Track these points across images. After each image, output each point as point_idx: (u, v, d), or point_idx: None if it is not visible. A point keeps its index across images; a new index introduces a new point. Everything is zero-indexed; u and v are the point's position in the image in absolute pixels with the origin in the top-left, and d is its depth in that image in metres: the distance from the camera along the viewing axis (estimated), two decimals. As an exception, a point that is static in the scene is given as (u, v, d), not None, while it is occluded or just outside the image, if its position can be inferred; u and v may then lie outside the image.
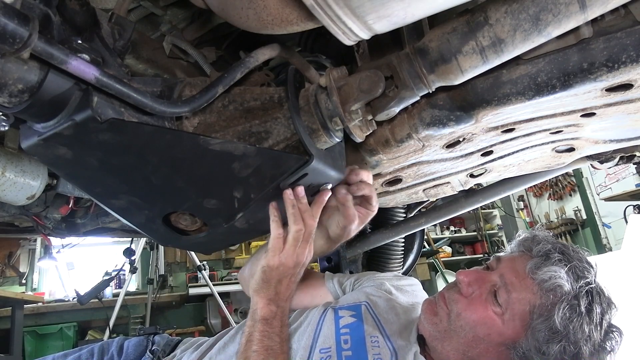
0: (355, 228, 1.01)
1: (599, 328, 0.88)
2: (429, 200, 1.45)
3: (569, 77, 0.75)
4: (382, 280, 1.19)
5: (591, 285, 0.90)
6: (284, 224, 0.93)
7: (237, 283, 5.26)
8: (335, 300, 1.16)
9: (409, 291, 1.20)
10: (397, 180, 1.20)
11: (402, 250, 1.85)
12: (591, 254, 0.99)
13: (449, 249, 7.12)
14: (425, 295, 1.20)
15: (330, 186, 0.93)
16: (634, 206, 4.90)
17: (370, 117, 0.84)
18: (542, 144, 1.09)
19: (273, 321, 0.95)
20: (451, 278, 6.05)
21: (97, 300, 3.95)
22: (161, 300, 5.18)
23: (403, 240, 1.84)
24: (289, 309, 1.01)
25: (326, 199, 0.94)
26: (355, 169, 0.96)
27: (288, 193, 0.88)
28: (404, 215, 1.75)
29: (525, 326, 0.89)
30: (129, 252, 3.60)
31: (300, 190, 0.89)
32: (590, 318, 0.87)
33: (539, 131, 1.00)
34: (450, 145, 1.00)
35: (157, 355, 1.20)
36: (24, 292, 5.10)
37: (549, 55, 0.75)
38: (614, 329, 0.92)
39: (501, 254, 1.04)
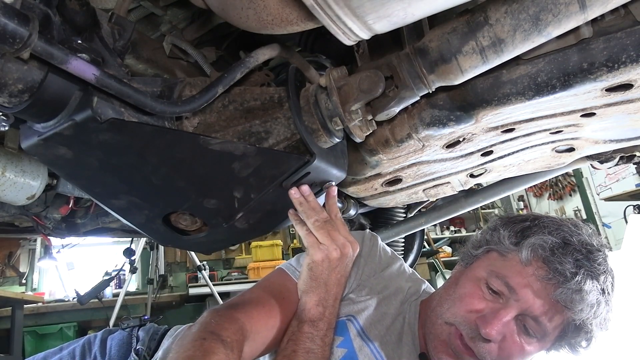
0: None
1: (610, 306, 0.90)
2: (429, 200, 1.45)
3: (569, 77, 0.75)
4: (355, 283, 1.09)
5: (609, 282, 0.89)
6: None
7: (237, 283, 5.30)
8: None
9: (380, 264, 1.12)
10: (397, 180, 1.20)
11: (402, 250, 1.85)
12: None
13: (449, 249, 7.11)
14: (385, 247, 1.15)
15: (334, 183, 0.94)
16: (634, 206, 4.90)
17: (370, 117, 0.84)
18: (542, 144, 1.09)
19: (319, 323, 0.90)
20: (451, 278, 6.03)
21: (97, 300, 3.94)
22: (161, 300, 5.19)
23: (403, 240, 1.84)
24: (337, 310, 0.95)
25: (335, 194, 0.95)
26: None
27: (293, 192, 0.88)
28: (404, 215, 1.74)
29: (559, 339, 0.92)
30: (129, 252, 3.59)
31: (306, 188, 0.90)
32: (609, 312, 0.90)
33: (539, 131, 1.00)
34: (450, 145, 1.00)
35: (142, 355, 1.13)
36: (24, 292, 5.10)
37: (549, 55, 0.75)
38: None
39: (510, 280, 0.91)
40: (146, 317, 1.24)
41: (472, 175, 1.24)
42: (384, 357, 0.95)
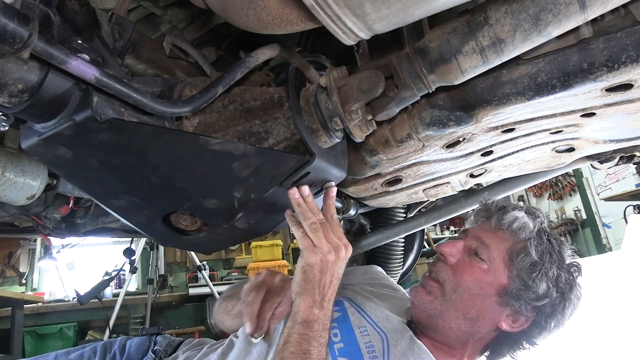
0: None
1: (561, 257, 1.01)
2: (429, 200, 1.45)
3: (569, 77, 0.75)
4: (353, 282, 1.28)
5: (544, 224, 1.05)
6: None
7: (237, 283, 5.30)
8: None
9: (377, 280, 1.32)
10: (397, 180, 1.20)
11: (402, 250, 1.85)
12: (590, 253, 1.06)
13: (449, 249, 7.10)
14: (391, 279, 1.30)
15: (333, 183, 0.94)
16: (634, 206, 4.90)
17: (370, 117, 0.84)
18: (542, 144, 1.09)
19: (314, 325, 0.92)
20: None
21: (97, 300, 3.94)
22: (161, 300, 5.19)
23: (403, 240, 1.84)
24: (331, 311, 0.98)
25: (335, 194, 0.97)
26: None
27: (292, 192, 0.88)
28: (404, 215, 1.74)
29: (509, 269, 0.99)
30: (129, 252, 3.60)
31: (306, 188, 0.89)
32: (552, 248, 1.01)
33: (539, 131, 1.00)
34: (450, 145, 1.00)
35: (159, 355, 1.20)
36: (24, 292, 5.11)
37: (549, 55, 0.75)
38: (574, 262, 1.03)
39: (465, 227, 1.15)
40: (164, 330, 1.32)
41: (472, 175, 1.24)
42: (372, 318, 1.05)
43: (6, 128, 0.68)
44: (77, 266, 5.10)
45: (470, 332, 1.00)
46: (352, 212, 1.37)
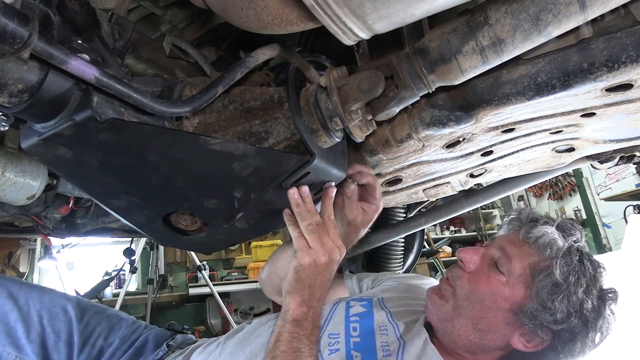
0: (361, 223, 1.05)
1: (593, 282, 0.92)
2: (429, 200, 1.45)
3: (569, 77, 0.75)
4: (401, 279, 1.24)
5: (579, 243, 0.96)
6: None
7: (237, 283, 5.29)
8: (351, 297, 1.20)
9: (412, 282, 1.24)
10: (397, 180, 1.20)
11: (402, 250, 1.85)
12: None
13: (449, 249, 7.10)
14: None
15: (333, 184, 0.94)
16: (634, 206, 4.90)
17: (370, 117, 0.84)
18: (542, 144, 1.09)
19: (304, 323, 0.93)
20: (451, 278, 6.03)
21: (97, 300, 3.94)
22: (161, 300, 5.18)
23: (403, 240, 1.84)
24: (321, 310, 1.00)
25: (333, 195, 0.96)
26: (353, 164, 1.00)
27: (292, 192, 0.89)
28: (404, 215, 1.74)
29: (528, 287, 0.92)
30: (129, 252, 3.60)
31: (305, 189, 0.90)
32: (584, 271, 0.92)
33: (539, 131, 1.00)
34: (450, 145, 1.00)
35: (172, 349, 1.23)
36: (24, 292, 5.09)
37: (549, 55, 0.75)
38: (609, 289, 0.95)
39: (495, 235, 1.09)
40: (188, 329, 1.38)
41: (472, 175, 1.24)
42: (397, 323, 1.02)
43: (6, 128, 0.68)
44: (77, 266, 5.09)
45: (480, 343, 0.95)
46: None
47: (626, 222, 4.75)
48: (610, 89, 0.78)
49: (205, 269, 4.72)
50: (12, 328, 1.09)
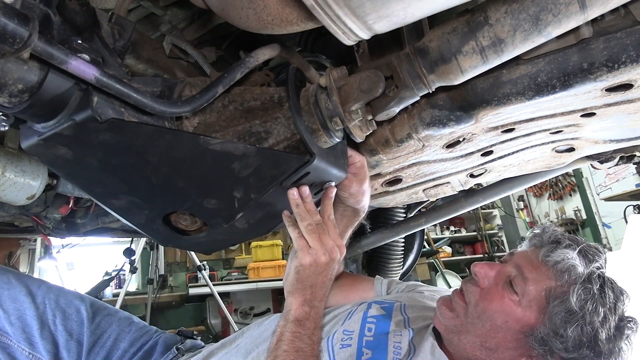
0: (358, 182, 1.02)
1: (612, 312, 0.88)
2: (429, 200, 1.45)
3: (569, 77, 0.75)
4: (431, 291, 1.23)
5: (602, 270, 0.92)
6: None
7: (237, 283, 5.29)
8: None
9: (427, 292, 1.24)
10: (397, 180, 1.20)
11: (402, 250, 1.85)
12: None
13: (449, 249, 7.11)
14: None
15: (333, 184, 0.94)
16: (634, 206, 4.90)
17: (370, 117, 0.84)
18: (542, 144, 1.09)
19: (306, 322, 0.94)
20: (451, 278, 6.05)
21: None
22: (161, 300, 5.17)
23: (403, 240, 1.84)
24: (323, 310, 1.00)
25: (333, 195, 0.96)
26: None
27: (292, 193, 0.89)
28: (404, 215, 1.75)
29: (542, 311, 0.89)
30: (129, 252, 3.60)
31: (305, 189, 0.90)
32: (603, 300, 0.88)
33: (539, 131, 1.00)
34: (450, 145, 1.00)
35: (182, 352, 1.24)
36: (24, 292, 5.08)
37: (549, 55, 0.75)
38: (629, 318, 0.91)
39: (515, 250, 1.05)
40: (198, 336, 1.41)
41: (472, 175, 1.24)
42: (413, 330, 1.01)
43: (6, 128, 0.67)
44: (77, 266, 5.09)
45: None
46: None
47: (626, 222, 4.75)
48: (610, 89, 0.79)
49: (205, 269, 4.71)
50: (28, 325, 1.11)
